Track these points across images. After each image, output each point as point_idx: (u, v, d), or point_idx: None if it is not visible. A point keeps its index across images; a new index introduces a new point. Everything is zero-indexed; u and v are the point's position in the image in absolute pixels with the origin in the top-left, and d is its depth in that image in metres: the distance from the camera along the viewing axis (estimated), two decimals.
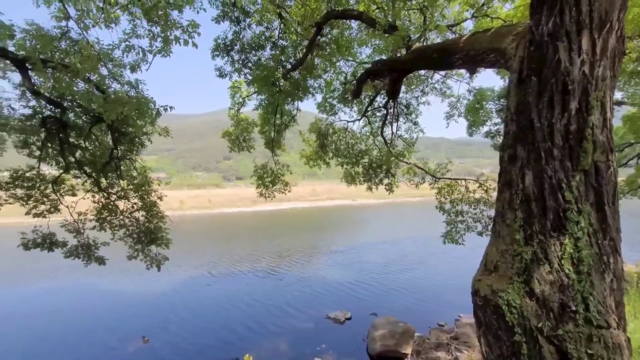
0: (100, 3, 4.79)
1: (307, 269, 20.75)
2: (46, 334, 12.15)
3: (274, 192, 11.82)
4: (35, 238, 7.97)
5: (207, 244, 31.02)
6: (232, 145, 11.40)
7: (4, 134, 7.70)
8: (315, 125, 12.93)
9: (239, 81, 9.72)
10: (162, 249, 9.09)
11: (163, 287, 17.07)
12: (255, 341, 11.34)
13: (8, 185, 7.91)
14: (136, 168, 8.96)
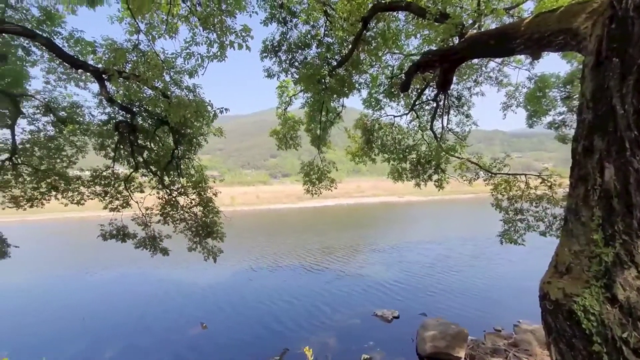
0: (164, 15, 5.23)
1: (353, 266, 20.73)
2: (120, 316, 13.66)
3: (320, 188, 11.97)
4: (111, 230, 8.97)
5: (256, 239, 32.40)
6: (279, 144, 11.73)
7: (86, 138, 8.76)
8: (361, 121, 12.82)
9: (286, 81, 9.97)
10: (217, 242, 9.70)
11: (218, 278, 18.25)
12: (303, 334, 11.63)
13: (89, 183, 9.03)
14: (194, 166, 9.63)
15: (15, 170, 7.99)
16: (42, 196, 8.45)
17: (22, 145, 8.00)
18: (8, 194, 8.09)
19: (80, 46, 6.88)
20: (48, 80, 7.71)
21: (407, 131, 12.53)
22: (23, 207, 8.29)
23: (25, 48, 6.99)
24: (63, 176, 8.51)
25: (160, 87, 5.98)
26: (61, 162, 8.55)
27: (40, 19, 6.52)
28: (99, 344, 11.19)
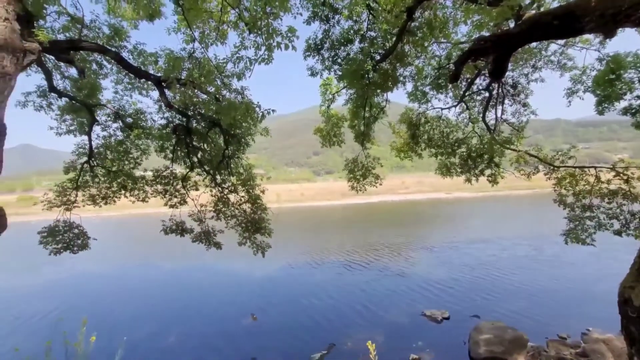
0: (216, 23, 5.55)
1: (400, 264, 20.29)
2: (181, 303, 14.85)
3: (364, 185, 11.87)
4: (171, 225, 9.75)
5: (301, 235, 33.11)
6: (323, 141, 11.81)
7: (149, 141, 9.60)
8: (406, 116, 12.46)
9: (329, 78, 10.00)
10: (265, 237, 10.08)
11: (266, 272, 19.01)
12: (348, 330, 11.67)
13: (152, 182, 9.90)
14: (243, 165, 10.09)
15: (92, 171, 9.04)
16: (114, 194, 9.47)
17: (97, 149, 9.02)
18: (87, 192, 9.18)
19: (142, 57, 7.54)
20: (117, 90, 8.56)
21: (456, 124, 11.93)
22: (99, 204, 9.36)
23: (98, 62, 7.85)
24: (130, 176, 9.43)
25: (212, 91, 6.35)
26: (128, 163, 9.47)
27: (109, 35, 7.26)
28: (164, 327, 12.28)
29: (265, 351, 10.29)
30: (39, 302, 15.95)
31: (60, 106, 8.20)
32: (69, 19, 6.90)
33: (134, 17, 8.01)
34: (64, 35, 6.83)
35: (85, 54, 7.46)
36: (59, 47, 5.57)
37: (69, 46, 5.91)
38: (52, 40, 4.96)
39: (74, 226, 8.92)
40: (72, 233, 8.82)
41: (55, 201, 8.67)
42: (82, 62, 7.38)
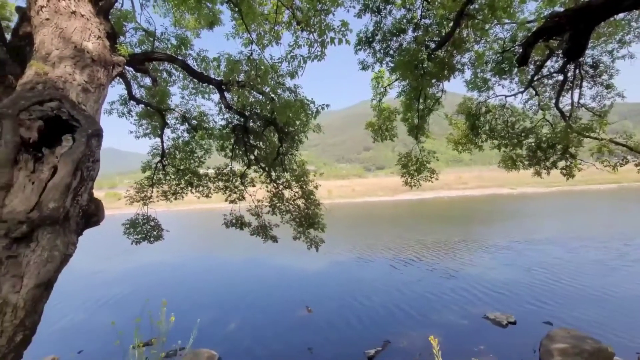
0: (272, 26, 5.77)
1: (457, 262, 19.23)
2: (240, 293, 15.84)
3: (419, 180, 11.44)
4: (231, 219, 10.41)
5: (354, 231, 33.07)
6: (375, 136, 11.62)
7: (211, 141, 10.35)
8: (464, 106, 11.72)
9: (381, 71, 9.79)
10: (319, 232, 10.27)
11: (320, 266, 19.39)
12: (403, 328, 11.39)
13: (214, 179, 10.66)
14: (296, 162, 10.36)
15: (164, 170, 10.03)
16: (182, 190, 10.39)
17: (168, 150, 9.97)
18: (160, 189, 10.22)
19: (204, 63, 8.12)
20: (183, 95, 9.36)
21: (522, 112, 10.94)
22: (169, 199, 10.35)
23: (168, 71, 8.65)
24: (196, 174, 10.27)
25: (267, 91, 6.63)
26: (194, 162, 10.30)
27: (176, 45, 7.94)
28: (225, 314, 13.21)
29: (320, 343, 10.51)
30: (127, 284, 18.27)
31: (138, 112, 9.23)
32: (143, 33, 7.70)
33: (196, 27, 8.68)
34: (140, 49, 7.65)
35: (157, 63, 8.28)
36: (137, 59, 6.24)
37: (144, 58, 6.60)
38: (131, 54, 5.59)
39: (150, 219, 10.00)
40: (149, 225, 9.90)
41: (135, 197, 9.81)
42: (154, 72, 8.20)
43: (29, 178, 1.96)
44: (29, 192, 1.93)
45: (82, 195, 2.22)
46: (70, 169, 2.03)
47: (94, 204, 2.36)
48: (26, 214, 1.87)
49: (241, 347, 10.51)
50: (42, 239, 1.95)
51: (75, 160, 2.06)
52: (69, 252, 2.08)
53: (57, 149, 2.09)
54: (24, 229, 1.85)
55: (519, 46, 8.89)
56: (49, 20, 2.65)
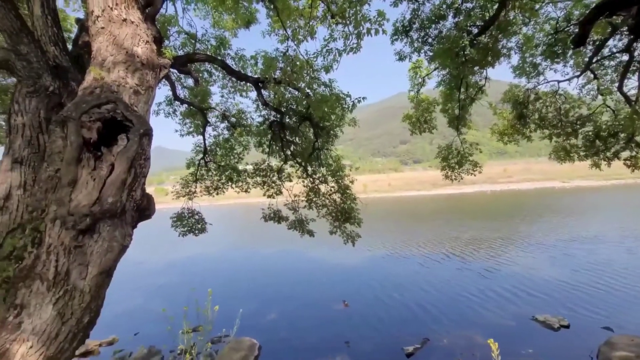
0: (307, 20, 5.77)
1: (499, 261, 18.19)
2: (278, 285, 16.30)
3: (460, 173, 10.94)
4: (269, 213, 10.69)
5: (389, 226, 32.54)
6: (412, 128, 11.27)
7: (249, 138, 10.66)
8: (510, 93, 10.97)
9: (419, 60, 9.44)
10: (355, 227, 10.22)
11: (355, 261, 19.35)
12: (443, 326, 11.03)
13: (252, 175, 10.99)
14: (332, 156, 10.36)
15: (207, 166, 10.53)
16: (223, 186, 10.84)
17: (210, 147, 10.44)
18: (203, 184, 10.75)
19: (242, 62, 8.36)
20: (222, 94, 9.73)
21: (578, 98, 10.01)
22: (212, 194, 10.85)
23: (209, 71, 9.02)
24: (235, 170, 10.65)
25: (303, 87, 6.67)
26: (233, 158, 10.69)
27: (216, 45, 8.24)
28: (264, 305, 13.67)
29: (357, 337, 10.52)
30: (175, 273, 19.61)
31: (182, 112, 9.75)
32: (185, 36, 8.08)
33: (233, 27, 8.93)
34: (183, 51, 8.04)
35: (198, 64, 8.66)
36: (180, 61, 6.56)
37: (186, 59, 6.93)
38: (174, 56, 5.90)
39: (195, 213, 10.57)
40: (194, 219, 10.47)
41: (181, 192, 10.42)
42: (196, 72, 8.59)
43: (90, 175, 2.15)
44: (90, 187, 2.12)
45: (136, 191, 2.39)
46: (126, 166, 2.20)
47: (146, 199, 2.54)
48: (89, 208, 2.05)
49: (280, 337, 10.82)
50: (103, 230, 2.13)
51: (129, 158, 2.22)
52: (125, 243, 2.25)
53: (113, 147, 2.27)
54: (88, 222, 2.04)
55: (574, 25, 8.11)
56: (104, 28, 2.86)
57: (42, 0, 3.72)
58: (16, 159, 3.43)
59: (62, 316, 2.03)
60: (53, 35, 3.84)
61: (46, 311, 2.00)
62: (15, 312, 1.96)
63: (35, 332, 1.96)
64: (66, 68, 4.19)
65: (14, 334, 1.93)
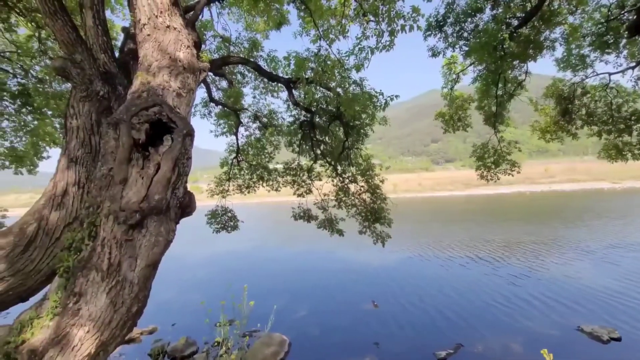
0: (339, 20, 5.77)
1: (541, 266, 17.12)
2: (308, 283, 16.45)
3: (497, 173, 10.45)
4: (299, 212, 10.81)
5: (420, 226, 31.76)
6: (446, 126, 10.93)
7: (279, 137, 10.85)
8: (554, 88, 10.33)
9: (453, 56, 9.13)
10: (385, 227, 10.08)
11: (383, 261, 19.09)
12: (477, 332, 10.57)
13: (283, 174, 11.17)
14: (362, 156, 10.29)
15: (239, 165, 10.84)
16: (254, 184, 11.12)
17: (242, 147, 10.74)
18: (235, 183, 11.09)
19: (274, 63, 8.51)
20: (254, 95, 9.98)
21: (633, 91, 9.20)
22: (244, 192, 11.16)
23: (242, 73, 9.28)
24: (266, 169, 10.89)
25: (334, 86, 6.68)
26: (264, 157, 10.93)
27: (249, 48, 8.46)
28: (294, 301, 13.83)
29: (386, 338, 10.37)
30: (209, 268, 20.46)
31: (216, 113, 10.11)
32: (220, 40, 8.37)
33: (265, 29, 9.12)
34: (217, 54, 8.34)
35: (232, 67, 8.93)
36: (216, 65, 6.80)
37: (221, 62, 7.17)
38: (211, 60, 6.13)
39: (228, 210, 10.93)
40: (227, 216, 10.83)
41: (215, 190, 10.82)
42: (230, 74, 8.87)
43: (139, 174, 2.30)
44: (139, 185, 2.26)
45: (179, 189, 2.52)
46: (170, 165, 2.32)
47: (188, 196, 2.67)
48: (138, 204, 2.20)
49: (310, 334, 10.92)
50: (150, 226, 2.27)
51: (174, 158, 2.34)
52: (170, 238, 2.38)
53: (159, 148, 2.40)
54: (137, 217, 2.18)
55: (629, 12, 7.47)
56: (149, 35, 3.04)
57: (94, 12, 4.00)
58: (72, 159, 3.73)
59: (115, 305, 2.19)
60: (103, 44, 4.12)
61: (100, 299, 2.16)
62: (74, 299, 2.14)
63: (91, 318, 2.13)
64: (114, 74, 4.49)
65: (73, 319, 2.11)
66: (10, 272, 3.10)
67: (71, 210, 3.56)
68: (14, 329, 2.17)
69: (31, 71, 9.07)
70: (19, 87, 8.89)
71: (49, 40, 8.64)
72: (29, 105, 8.96)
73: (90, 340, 2.11)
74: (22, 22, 7.88)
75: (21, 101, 8.91)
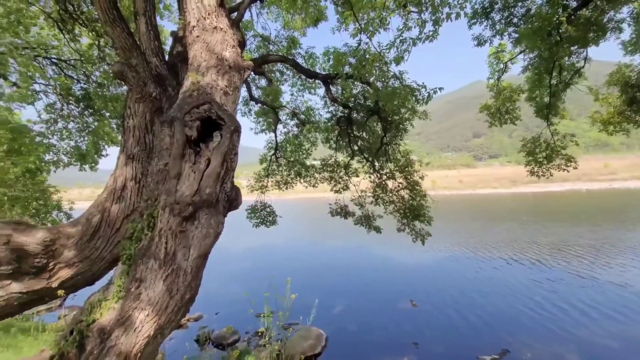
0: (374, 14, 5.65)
1: (597, 271, 15.63)
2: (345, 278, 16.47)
3: (549, 169, 9.68)
4: (336, 208, 10.82)
5: (460, 225, 30.44)
6: (491, 119, 10.32)
7: (317, 134, 10.91)
8: (619, 75, 9.31)
9: (501, 44, 8.57)
10: (425, 225, 9.77)
11: (421, 260, 18.57)
12: (525, 338, 9.93)
13: (320, 170, 11.23)
14: (400, 151, 10.04)
15: (277, 162, 11.08)
16: (292, 180, 11.30)
17: (280, 143, 10.96)
18: (274, 179, 11.35)
19: (312, 59, 8.56)
20: (292, 92, 10.12)
21: None
22: (282, 188, 11.39)
23: (281, 71, 9.44)
24: (304, 165, 11.02)
25: (373, 81, 6.56)
26: (302, 154, 11.06)
27: (287, 46, 8.58)
28: (331, 297, 13.90)
29: (426, 339, 10.08)
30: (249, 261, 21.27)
31: (256, 111, 10.40)
32: (260, 39, 8.57)
33: (302, 26, 9.17)
34: (257, 53, 8.56)
35: (271, 65, 9.12)
36: (256, 63, 6.98)
37: (261, 61, 7.35)
38: (251, 59, 6.30)
39: (267, 206, 11.23)
40: (266, 211, 11.14)
41: (254, 186, 11.17)
42: (269, 73, 9.06)
43: (191, 169, 2.42)
44: (192, 180, 2.39)
45: (227, 183, 2.62)
46: (220, 160, 2.43)
47: (234, 191, 2.77)
48: (191, 198, 2.32)
49: (347, 330, 10.93)
50: (201, 218, 2.39)
51: (222, 153, 2.45)
52: (219, 230, 2.49)
53: (210, 144, 2.52)
54: (190, 210, 2.31)
55: None
56: (199, 37, 3.19)
57: (146, 19, 4.27)
58: (129, 156, 4.03)
59: (170, 291, 2.34)
60: (155, 48, 4.38)
61: (158, 286, 2.32)
62: (136, 285, 2.32)
63: (150, 302, 2.29)
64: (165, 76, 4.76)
65: (135, 302, 2.29)
66: (80, 258, 3.43)
67: (129, 203, 3.85)
68: (86, 309, 2.40)
69: (92, 76, 9.94)
70: (82, 91, 9.77)
71: (107, 47, 9.39)
72: (90, 108, 9.82)
73: (149, 323, 2.28)
74: (84, 32, 8.63)
75: (84, 104, 9.80)
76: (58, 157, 10.01)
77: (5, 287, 2.91)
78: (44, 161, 9.49)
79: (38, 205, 8.83)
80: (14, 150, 7.91)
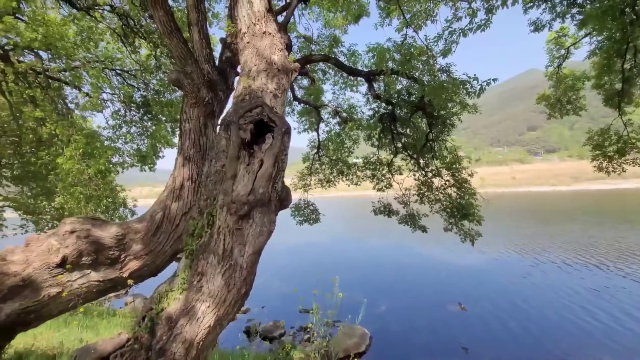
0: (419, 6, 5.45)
1: None
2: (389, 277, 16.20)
3: (621, 164, 8.66)
4: (379, 207, 10.66)
5: (513, 225, 28.40)
6: (551, 110, 9.49)
7: (359, 132, 10.82)
8: None
9: (562, 28, 7.81)
10: (474, 224, 9.27)
11: (473, 261, 17.63)
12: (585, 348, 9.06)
13: (362, 168, 11.14)
14: (447, 148, 9.61)
15: (320, 160, 11.19)
16: (334, 179, 11.34)
17: (322, 142, 11.04)
18: (316, 177, 11.48)
19: (354, 57, 8.49)
20: (334, 91, 10.14)
21: None
22: (324, 187, 11.48)
23: (323, 70, 9.50)
24: (346, 163, 11.00)
25: (418, 75, 6.34)
26: (344, 152, 11.05)
27: (329, 45, 8.59)
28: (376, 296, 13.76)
29: (476, 344, 9.59)
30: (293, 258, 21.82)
31: (299, 111, 10.58)
32: (302, 40, 8.69)
33: (343, 23, 9.13)
34: (300, 54, 8.69)
35: (313, 65, 9.21)
36: (300, 64, 7.09)
37: (304, 61, 7.43)
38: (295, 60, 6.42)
39: (310, 204, 11.40)
40: (309, 209, 11.31)
41: (298, 184, 11.39)
42: (312, 72, 9.16)
43: (246, 170, 2.54)
44: (246, 180, 2.51)
45: (278, 183, 2.72)
46: (272, 161, 2.52)
47: (285, 190, 2.85)
48: (246, 197, 2.44)
49: (391, 330, 10.77)
50: (255, 217, 2.50)
51: (274, 154, 2.54)
52: (272, 229, 2.59)
53: (262, 145, 2.62)
54: (246, 209, 2.43)
55: None
56: (249, 43, 3.33)
57: (199, 28, 4.54)
58: (186, 157, 4.32)
59: (228, 285, 2.48)
60: (206, 55, 4.64)
61: (217, 280, 2.48)
62: (198, 278, 2.50)
63: (210, 295, 2.45)
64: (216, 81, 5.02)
65: (197, 294, 2.46)
66: (146, 252, 3.76)
67: (187, 201, 4.13)
68: (155, 298, 2.64)
69: (150, 84, 10.79)
70: (142, 98, 10.66)
71: (162, 57, 10.14)
72: (149, 113, 10.68)
73: (210, 314, 2.44)
74: (143, 44, 9.39)
75: (143, 110, 10.68)
76: (123, 159, 11.02)
77: (87, 276, 3.29)
78: (112, 163, 10.49)
79: (108, 203, 9.80)
80: (87, 154, 8.85)
